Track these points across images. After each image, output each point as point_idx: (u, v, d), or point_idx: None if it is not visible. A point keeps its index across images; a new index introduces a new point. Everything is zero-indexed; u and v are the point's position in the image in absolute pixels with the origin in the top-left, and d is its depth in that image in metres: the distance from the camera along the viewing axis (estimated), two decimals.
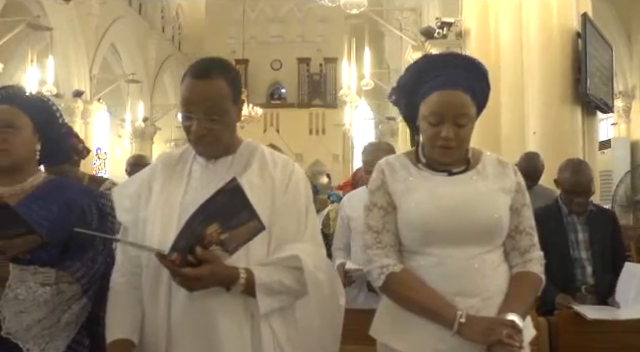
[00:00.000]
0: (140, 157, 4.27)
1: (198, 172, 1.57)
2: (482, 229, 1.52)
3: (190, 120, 1.48)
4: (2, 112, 1.66)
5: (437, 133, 1.51)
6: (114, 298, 1.52)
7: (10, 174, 1.68)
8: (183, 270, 1.32)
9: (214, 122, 1.47)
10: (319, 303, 1.53)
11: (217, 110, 1.46)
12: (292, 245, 1.50)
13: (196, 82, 1.47)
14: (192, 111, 1.47)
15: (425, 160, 1.59)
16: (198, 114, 1.46)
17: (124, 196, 1.61)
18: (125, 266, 1.54)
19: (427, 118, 1.53)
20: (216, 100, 1.46)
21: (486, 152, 1.65)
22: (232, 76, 1.52)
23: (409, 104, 1.60)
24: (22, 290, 1.49)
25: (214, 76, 1.47)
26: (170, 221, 1.49)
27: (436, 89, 1.52)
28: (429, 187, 1.56)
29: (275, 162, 1.59)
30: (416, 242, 1.54)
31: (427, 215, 1.52)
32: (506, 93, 5.29)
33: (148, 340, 1.48)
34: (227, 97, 1.49)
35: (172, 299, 1.44)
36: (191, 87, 1.47)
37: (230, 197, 1.33)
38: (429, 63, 1.59)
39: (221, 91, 1.47)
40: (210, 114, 1.46)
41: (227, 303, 1.42)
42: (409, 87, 1.59)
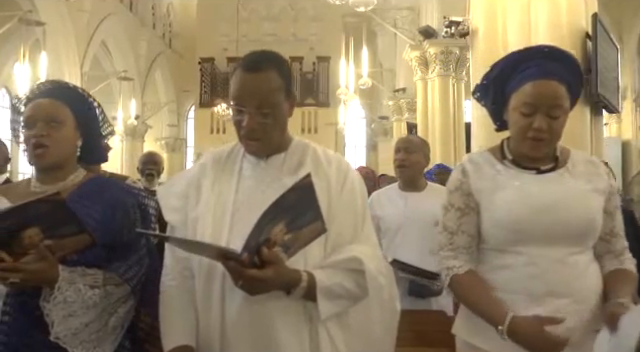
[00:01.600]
0: (152, 154, 4.18)
1: (249, 171, 1.52)
2: (575, 230, 1.50)
3: (241, 114, 1.44)
4: (45, 106, 1.60)
5: (529, 124, 1.49)
6: (167, 302, 1.47)
7: (51, 171, 1.62)
8: (250, 271, 1.26)
9: (266, 116, 1.42)
10: (380, 307, 1.49)
11: (269, 103, 1.42)
12: (351, 247, 1.45)
13: (248, 75, 1.42)
14: (243, 105, 1.43)
15: (511, 157, 1.56)
16: (250, 108, 1.42)
17: (171, 195, 1.55)
18: (175, 269, 1.49)
19: (519, 109, 1.50)
20: (268, 93, 1.42)
21: (573, 150, 1.62)
22: (284, 69, 1.48)
23: (498, 98, 1.58)
24: (71, 292, 1.44)
25: (266, 69, 1.43)
26: (222, 221, 1.44)
27: (530, 79, 1.50)
28: (518, 185, 1.53)
29: (329, 160, 1.55)
30: (505, 241, 1.52)
31: (518, 214, 1.50)
32: None
33: (201, 345, 1.42)
34: (279, 90, 1.44)
35: (226, 303, 1.39)
36: (242, 80, 1.43)
37: (301, 194, 1.27)
38: (523, 55, 1.58)
39: (273, 84, 1.43)
40: (262, 108, 1.41)
41: (285, 307, 1.38)
42: (500, 79, 1.57)
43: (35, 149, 1.56)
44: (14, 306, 1.46)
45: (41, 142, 1.56)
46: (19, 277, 1.35)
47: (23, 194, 1.62)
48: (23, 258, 1.35)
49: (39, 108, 1.59)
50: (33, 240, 1.34)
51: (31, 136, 1.56)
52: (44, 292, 1.44)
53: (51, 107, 1.60)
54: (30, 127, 1.57)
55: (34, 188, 1.63)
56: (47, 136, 1.56)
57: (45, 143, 1.56)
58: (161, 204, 1.57)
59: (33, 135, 1.56)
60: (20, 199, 1.59)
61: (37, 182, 1.63)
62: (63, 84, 1.71)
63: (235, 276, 1.28)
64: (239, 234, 1.38)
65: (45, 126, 1.56)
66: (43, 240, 1.36)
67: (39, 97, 1.63)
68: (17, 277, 1.34)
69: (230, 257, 1.25)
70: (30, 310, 1.46)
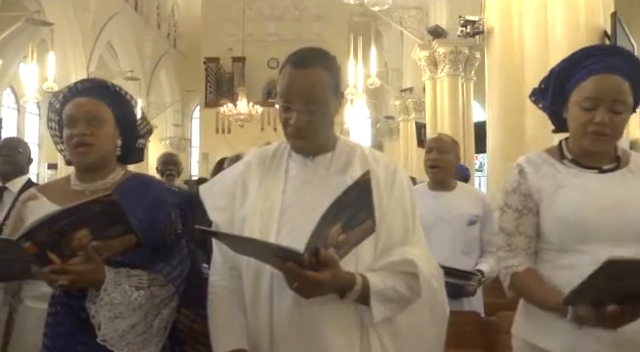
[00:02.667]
0: (172, 155, 4.14)
1: (295, 170, 1.49)
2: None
3: (289, 112, 1.41)
4: (87, 105, 1.58)
5: (590, 119, 1.47)
6: (217, 303, 1.44)
7: (91, 170, 1.60)
8: (309, 273, 1.23)
9: (314, 114, 1.40)
10: (432, 311, 1.46)
11: (318, 100, 1.40)
12: (403, 249, 1.43)
13: (297, 71, 1.40)
14: (292, 102, 1.40)
15: (571, 156, 1.54)
16: (298, 105, 1.39)
17: (215, 195, 1.53)
18: (224, 269, 1.46)
19: (580, 103, 1.49)
20: (317, 90, 1.39)
21: (634, 152, 1.60)
22: (332, 66, 1.46)
23: (557, 96, 1.56)
24: (117, 294, 1.41)
25: (315, 65, 1.40)
26: (270, 222, 1.41)
27: (593, 74, 1.48)
28: (581, 184, 1.51)
29: (377, 160, 1.52)
30: (569, 240, 1.50)
31: (583, 212, 1.48)
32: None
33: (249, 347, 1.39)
34: (328, 87, 1.42)
35: (275, 305, 1.36)
36: (291, 76, 1.40)
37: (359, 192, 1.24)
38: (585, 52, 1.56)
39: (322, 81, 1.40)
40: (310, 105, 1.39)
41: (336, 310, 1.35)
42: (562, 75, 1.55)
43: (77, 148, 1.54)
44: (59, 308, 1.44)
45: (84, 141, 1.54)
46: (68, 279, 1.32)
47: (63, 193, 1.60)
48: (71, 260, 1.32)
49: (80, 107, 1.57)
50: (82, 241, 1.31)
51: (73, 135, 1.54)
52: (90, 294, 1.42)
53: (92, 106, 1.58)
54: (71, 126, 1.55)
55: (74, 187, 1.61)
56: (89, 135, 1.54)
57: (88, 142, 1.54)
58: (205, 203, 1.54)
59: (76, 134, 1.54)
60: (61, 198, 1.57)
61: (77, 181, 1.61)
62: (102, 82, 1.69)
63: (292, 278, 1.25)
64: (288, 235, 1.37)
65: (87, 125, 1.54)
66: (91, 241, 1.33)
67: (78, 95, 1.61)
68: (66, 279, 1.31)
69: (289, 258, 1.22)
70: (75, 312, 1.43)
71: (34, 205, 1.58)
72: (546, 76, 1.64)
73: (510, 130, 5.37)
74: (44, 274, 1.30)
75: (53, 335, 1.42)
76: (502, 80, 5.55)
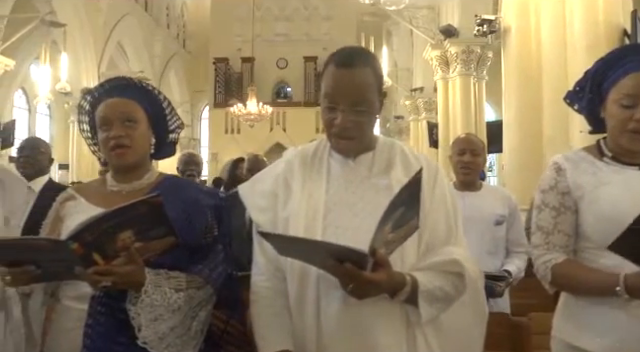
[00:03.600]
0: (193, 155, 4.14)
1: (337, 170, 1.48)
2: None
3: (334, 112, 1.40)
4: (120, 105, 1.56)
5: (629, 116, 1.46)
6: (262, 304, 1.43)
7: (128, 171, 1.59)
8: (368, 275, 1.22)
9: (360, 114, 1.39)
10: (476, 311, 1.46)
11: (364, 100, 1.39)
12: (447, 248, 1.42)
13: (342, 71, 1.38)
14: (337, 102, 1.39)
15: (610, 154, 1.53)
16: (344, 105, 1.38)
17: (256, 195, 1.52)
18: (268, 270, 1.45)
19: (619, 101, 1.48)
20: (363, 90, 1.39)
21: None
22: (376, 66, 1.45)
23: (594, 96, 1.55)
24: (158, 296, 1.40)
25: (360, 65, 1.39)
26: (314, 221, 1.40)
27: (631, 71, 1.48)
28: (622, 180, 1.50)
29: (418, 159, 1.51)
30: (612, 237, 1.47)
31: (626, 209, 1.45)
32: (548, 92, 5.21)
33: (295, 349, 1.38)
34: (373, 87, 1.41)
35: (322, 306, 1.35)
36: (336, 76, 1.39)
37: (410, 191, 1.23)
38: (620, 52, 1.56)
39: (368, 80, 1.39)
40: (356, 105, 1.38)
41: (384, 310, 1.34)
42: (598, 75, 1.55)
43: (114, 150, 1.53)
44: (99, 309, 1.43)
45: (120, 143, 1.53)
46: (111, 280, 1.31)
47: (101, 193, 1.59)
48: (114, 261, 1.31)
49: (114, 108, 1.55)
50: (125, 242, 1.30)
51: (109, 138, 1.53)
52: (129, 295, 1.40)
53: (125, 106, 1.56)
54: (106, 128, 1.54)
55: (111, 187, 1.60)
56: (125, 136, 1.53)
57: (124, 143, 1.53)
58: (246, 203, 1.53)
59: (112, 136, 1.52)
60: (98, 198, 1.57)
61: (114, 181, 1.60)
62: (129, 80, 1.67)
63: (348, 279, 1.24)
64: (333, 235, 1.36)
65: (121, 126, 1.53)
66: (134, 242, 1.32)
67: (108, 96, 1.59)
68: (109, 280, 1.31)
69: (349, 259, 1.21)
70: (115, 313, 1.43)
71: (72, 205, 1.58)
72: (581, 78, 1.63)
73: (527, 129, 5.34)
74: (88, 275, 1.29)
75: (93, 335, 1.41)
76: (519, 79, 5.52)
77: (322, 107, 1.45)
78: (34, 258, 1.27)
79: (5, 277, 1.31)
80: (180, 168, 3.83)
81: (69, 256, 1.24)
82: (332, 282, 1.34)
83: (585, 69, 1.57)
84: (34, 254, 1.26)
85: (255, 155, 4.34)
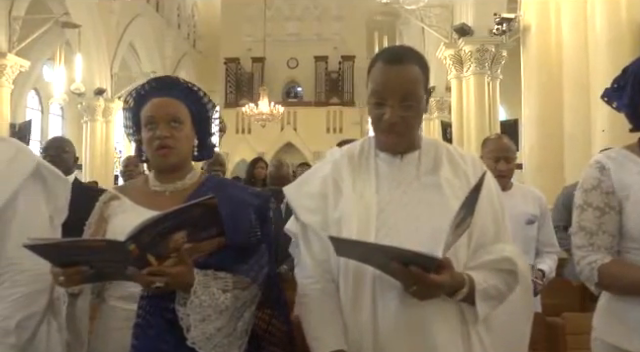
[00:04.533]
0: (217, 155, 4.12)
1: (385, 169, 1.49)
2: None
3: (382, 108, 1.41)
4: (166, 105, 1.56)
5: None
6: (314, 305, 1.43)
7: (171, 171, 1.58)
8: (434, 277, 1.24)
9: (409, 109, 1.40)
10: (526, 308, 1.48)
11: (412, 96, 1.40)
12: (498, 246, 1.43)
13: (391, 67, 1.40)
14: (386, 97, 1.40)
15: None
16: (393, 100, 1.39)
17: (304, 196, 1.52)
18: (317, 272, 1.45)
19: None
20: (411, 86, 1.40)
21: None
22: (424, 64, 1.45)
23: (636, 93, 1.54)
24: (206, 297, 1.40)
25: (409, 61, 1.41)
26: (367, 223, 1.40)
27: None
28: None
29: (464, 159, 1.52)
30: None
31: None
32: (569, 91, 5.17)
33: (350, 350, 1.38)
34: (421, 84, 1.42)
35: (378, 307, 1.36)
36: (385, 72, 1.40)
37: (474, 194, 1.23)
38: None
39: (416, 76, 1.41)
40: (405, 100, 1.39)
41: (442, 310, 1.35)
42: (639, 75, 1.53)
43: (159, 150, 1.53)
44: (148, 309, 1.42)
45: (165, 143, 1.52)
46: (163, 281, 1.31)
47: (144, 193, 1.59)
48: (165, 261, 1.31)
49: (160, 108, 1.55)
50: (178, 243, 1.30)
51: (154, 138, 1.53)
52: (178, 296, 1.40)
53: (171, 107, 1.56)
54: (152, 128, 1.54)
55: (154, 188, 1.60)
56: (170, 137, 1.53)
57: (169, 144, 1.53)
58: (294, 205, 1.53)
59: (157, 137, 1.52)
60: (142, 198, 1.57)
61: (156, 181, 1.60)
62: (176, 80, 1.67)
63: (412, 281, 1.25)
64: (387, 236, 1.36)
65: (167, 126, 1.53)
66: (185, 243, 1.32)
67: (154, 95, 1.59)
68: (162, 281, 1.30)
69: (418, 262, 1.21)
70: (163, 313, 1.42)
71: (117, 205, 1.58)
72: (619, 75, 1.62)
73: (548, 128, 5.30)
74: (141, 276, 1.29)
75: (141, 335, 1.41)
76: (539, 78, 5.48)
77: (369, 104, 1.45)
78: (88, 259, 1.27)
79: (59, 278, 1.31)
80: (204, 168, 3.83)
81: (124, 257, 1.24)
82: (388, 282, 1.34)
83: (607, 67, 1.56)
84: (89, 255, 1.26)
85: (279, 159, 4.40)
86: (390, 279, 1.32)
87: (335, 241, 1.28)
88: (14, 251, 1.48)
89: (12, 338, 1.42)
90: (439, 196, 1.43)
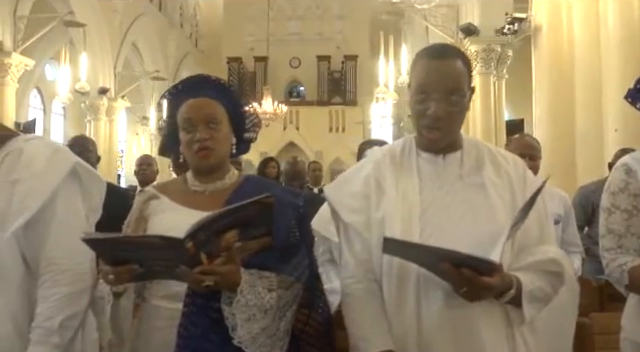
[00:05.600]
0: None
1: (427, 169, 1.48)
2: None
3: (426, 103, 1.40)
4: (204, 107, 1.54)
5: None
6: (359, 305, 1.43)
7: (210, 172, 1.58)
8: (485, 279, 1.23)
9: (453, 104, 1.40)
10: (573, 311, 1.47)
11: (457, 91, 1.40)
12: (543, 248, 1.42)
13: (435, 62, 1.40)
14: (430, 92, 1.39)
15: None
16: (437, 94, 1.39)
17: (346, 195, 1.51)
18: (359, 272, 1.44)
19: None
20: (456, 80, 1.40)
21: None
22: (467, 60, 1.46)
23: None
24: (252, 296, 1.39)
25: (453, 56, 1.41)
26: (411, 221, 1.39)
27: None
28: None
29: (506, 159, 1.51)
30: None
31: None
32: (581, 90, 5.17)
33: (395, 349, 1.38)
34: (465, 80, 1.43)
35: (422, 307, 1.35)
36: (430, 67, 1.40)
37: (533, 200, 1.23)
38: None
39: (460, 71, 1.41)
40: (450, 94, 1.39)
41: (487, 311, 1.34)
42: None
43: (199, 152, 1.52)
44: (192, 308, 1.42)
45: (205, 146, 1.51)
46: (213, 280, 1.30)
47: (183, 193, 1.58)
48: (215, 260, 1.30)
49: (198, 110, 1.54)
50: (229, 242, 1.29)
51: (194, 140, 1.52)
52: (224, 295, 1.39)
53: (209, 107, 1.55)
54: (190, 130, 1.53)
55: (194, 187, 1.59)
56: (210, 138, 1.52)
57: (209, 146, 1.52)
58: (335, 205, 1.53)
59: (196, 139, 1.51)
60: (182, 198, 1.56)
61: (196, 181, 1.59)
62: (210, 79, 1.65)
63: (463, 283, 1.24)
64: (431, 236, 1.36)
65: (206, 128, 1.52)
66: (236, 242, 1.31)
67: (191, 95, 1.58)
68: (212, 280, 1.30)
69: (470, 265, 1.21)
70: (207, 312, 1.42)
71: (156, 204, 1.57)
72: None
73: (559, 128, 5.31)
74: (193, 274, 1.28)
75: (186, 335, 1.40)
76: (550, 77, 5.49)
77: (413, 100, 1.44)
78: (140, 256, 1.26)
79: (108, 276, 1.31)
80: None
81: (179, 255, 1.23)
82: (433, 282, 1.33)
83: (620, 65, 1.55)
84: (142, 252, 1.25)
85: (294, 157, 4.41)
86: (435, 279, 1.32)
87: (389, 242, 1.26)
88: (54, 251, 1.47)
89: (56, 338, 1.41)
90: (482, 196, 1.42)
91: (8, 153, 1.55)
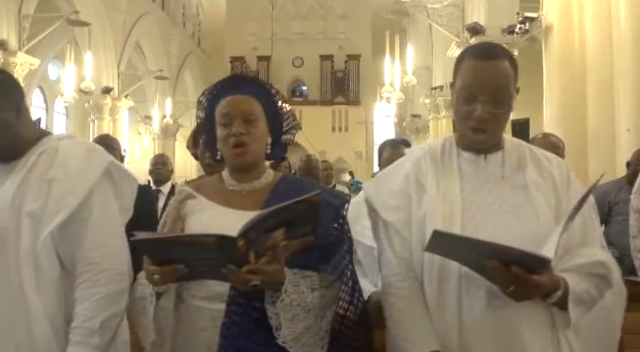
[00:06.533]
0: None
1: (469, 168, 1.47)
2: None
3: (472, 104, 1.39)
4: (242, 102, 1.53)
5: None
6: (403, 304, 1.41)
7: (247, 170, 1.56)
8: (535, 278, 1.21)
9: (499, 106, 1.38)
10: (619, 315, 1.44)
11: (504, 92, 1.38)
12: (588, 249, 1.40)
13: (482, 63, 1.38)
14: (477, 93, 1.38)
15: None
16: (484, 96, 1.37)
17: (384, 194, 1.50)
18: (402, 270, 1.43)
19: None
20: (504, 81, 1.38)
21: None
22: (513, 61, 1.43)
23: None
24: (296, 295, 1.38)
25: (500, 57, 1.39)
26: (452, 220, 1.38)
27: None
28: None
29: (548, 159, 1.51)
30: None
31: None
32: (593, 90, 5.16)
33: None
34: (512, 80, 1.40)
35: (464, 307, 1.34)
36: (477, 68, 1.38)
37: (583, 201, 1.22)
38: None
39: (508, 72, 1.39)
40: (497, 97, 1.37)
41: (530, 313, 1.32)
42: None
43: (235, 148, 1.50)
44: (234, 309, 1.40)
45: (241, 140, 1.50)
46: (259, 279, 1.29)
47: (220, 192, 1.57)
48: (261, 259, 1.29)
49: (236, 105, 1.52)
50: (275, 241, 1.28)
51: (230, 135, 1.50)
52: (267, 294, 1.38)
53: (246, 103, 1.53)
54: (227, 125, 1.51)
55: (231, 187, 1.57)
56: (246, 134, 1.50)
57: (245, 141, 1.50)
58: (374, 203, 1.52)
59: (233, 134, 1.50)
60: (219, 197, 1.54)
61: (232, 180, 1.57)
62: (249, 78, 1.65)
63: (511, 282, 1.22)
64: (473, 235, 1.33)
65: (243, 124, 1.50)
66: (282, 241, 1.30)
67: (230, 93, 1.56)
68: (258, 279, 1.28)
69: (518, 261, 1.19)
70: (250, 312, 1.40)
71: (194, 204, 1.55)
72: None
73: (570, 128, 5.29)
74: (240, 274, 1.26)
75: (229, 334, 1.39)
76: (561, 77, 5.47)
77: (457, 101, 1.43)
78: (188, 256, 1.25)
79: (154, 276, 1.29)
80: None
81: (229, 254, 1.21)
82: (475, 282, 1.32)
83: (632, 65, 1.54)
84: (191, 252, 1.23)
85: (306, 154, 4.37)
86: (477, 278, 1.31)
87: (437, 237, 1.24)
88: (92, 251, 1.46)
89: (96, 338, 1.40)
90: (525, 196, 1.41)
91: (42, 152, 1.54)
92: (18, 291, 1.41)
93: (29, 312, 1.40)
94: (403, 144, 2.77)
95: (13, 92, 1.52)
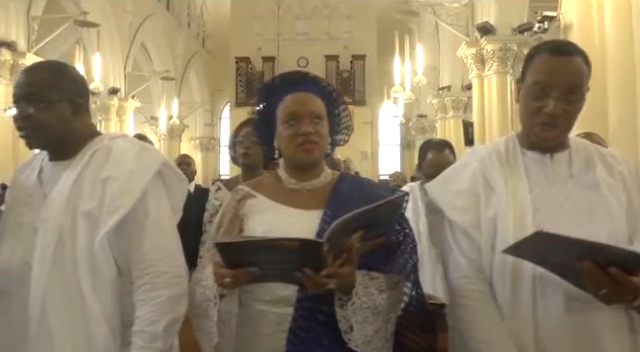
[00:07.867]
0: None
1: (535, 168, 1.45)
2: None
3: (543, 100, 1.37)
4: (309, 101, 1.51)
5: None
6: (477, 307, 1.38)
7: (308, 169, 1.54)
8: (635, 279, 1.18)
9: (572, 103, 1.37)
10: None
11: (578, 90, 1.37)
12: None
13: (558, 59, 1.37)
14: (550, 89, 1.36)
15: None
16: (557, 92, 1.35)
17: (451, 194, 1.48)
18: (472, 271, 1.41)
19: None
20: (578, 78, 1.37)
21: None
22: (587, 58, 1.41)
23: None
24: (366, 298, 1.36)
25: (576, 54, 1.38)
26: (523, 221, 1.36)
27: None
28: None
29: (616, 158, 1.48)
30: None
31: None
32: (614, 87, 5.12)
33: None
34: (586, 78, 1.39)
35: (538, 309, 1.31)
36: (552, 63, 1.37)
37: None
38: None
39: (582, 70, 1.38)
40: (570, 93, 1.36)
41: (611, 317, 1.30)
42: None
43: (303, 146, 1.48)
44: (300, 313, 1.38)
45: (310, 139, 1.47)
46: (334, 282, 1.25)
47: (280, 191, 1.54)
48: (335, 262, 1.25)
49: (304, 104, 1.50)
50: (352, 243, 1.25)
51: (299, 134, 1.47)
52: (336, 297, 1.35)
53: (314, 102, 1.51)
54: (295, 124, 1.48)
55: (290, 185, 1.54)
56: (315, 133, 1.48)
57: (314, 140, 1.48)
58: (440, 204, 1.49)
59: (302, 133, 1.47)
60: (279, 196, 1.52)
61: (292, 179, 1.54)
62: (308, 76, 1.61)
63: (605, 283, 1.18)
64: None
65: (310, 122, 1.48)
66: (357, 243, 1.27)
67: (290, 90, 1.53)
68: (334, 282, 1.25)
69: (616, 262, 1.16)
70: (316, 316, 1.38)
71: (254, 203, 1.52)
72: None
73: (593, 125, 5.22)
74: (317, 278, 1.23)
75: (296, 340, 1.36)
76: None
77: (527, 96, 1.40)
78: (263, 259, 1.22)
79: (225, 279, 1.26)
80: None
81: (311, 257, 1.18)
82: (551, 284, 1.29)
83: None
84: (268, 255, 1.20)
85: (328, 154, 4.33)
86: (553, 280, 1.27)
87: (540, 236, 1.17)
88: (150, 253, 1.44)
89: (159, 343, 1.37)
90: (597, 196, 1.39)
91: (95, 151, 1.52)
92: (76, 291, 1.39)
93: (87, 313, 1.38)
94: (447, 147, 2.74)
95: (72, 87, 1.50)
